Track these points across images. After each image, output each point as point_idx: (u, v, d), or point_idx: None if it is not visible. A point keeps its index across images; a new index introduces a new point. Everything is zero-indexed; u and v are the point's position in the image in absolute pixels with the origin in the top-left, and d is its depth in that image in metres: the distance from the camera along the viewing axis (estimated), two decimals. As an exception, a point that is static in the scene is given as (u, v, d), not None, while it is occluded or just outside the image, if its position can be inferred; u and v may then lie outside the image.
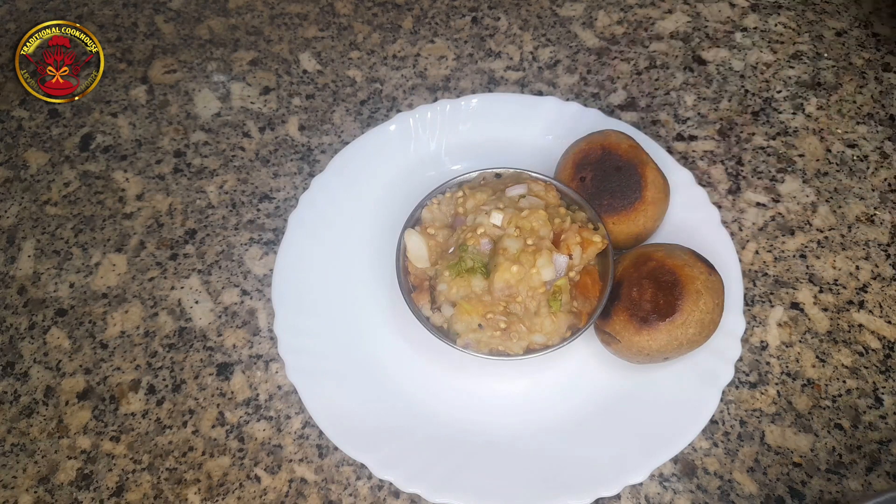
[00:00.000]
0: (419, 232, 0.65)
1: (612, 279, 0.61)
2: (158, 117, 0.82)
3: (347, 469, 0.61)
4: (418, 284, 0.64)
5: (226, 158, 0.79)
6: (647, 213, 0.65)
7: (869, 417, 0.62)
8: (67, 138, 0.81)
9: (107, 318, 0.70)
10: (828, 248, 0.70)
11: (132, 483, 0.62)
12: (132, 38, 0.89)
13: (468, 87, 0.82)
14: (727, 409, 0.63)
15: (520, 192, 0.65)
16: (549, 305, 0.60)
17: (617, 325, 0.60)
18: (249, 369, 0.67)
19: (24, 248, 0.74)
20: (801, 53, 0.83)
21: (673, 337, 0.58)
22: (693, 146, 0.77)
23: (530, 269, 0.60)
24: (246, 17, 0.90)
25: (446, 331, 0.61)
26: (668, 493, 0.60)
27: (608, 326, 0.60)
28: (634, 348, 0.59)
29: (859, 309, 0.67)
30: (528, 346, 0.60)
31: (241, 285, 0.71)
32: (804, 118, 0.78)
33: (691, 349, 0.60)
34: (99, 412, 0.65)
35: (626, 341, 0.59)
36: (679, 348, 0.59)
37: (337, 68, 0.85)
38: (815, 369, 0.64)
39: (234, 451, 0.63)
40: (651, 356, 0.59)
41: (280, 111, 0.82)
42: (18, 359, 0.68)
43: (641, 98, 0.80)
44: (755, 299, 0.68)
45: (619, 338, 0.60)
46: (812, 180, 0.74)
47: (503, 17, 0.88)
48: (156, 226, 0.75)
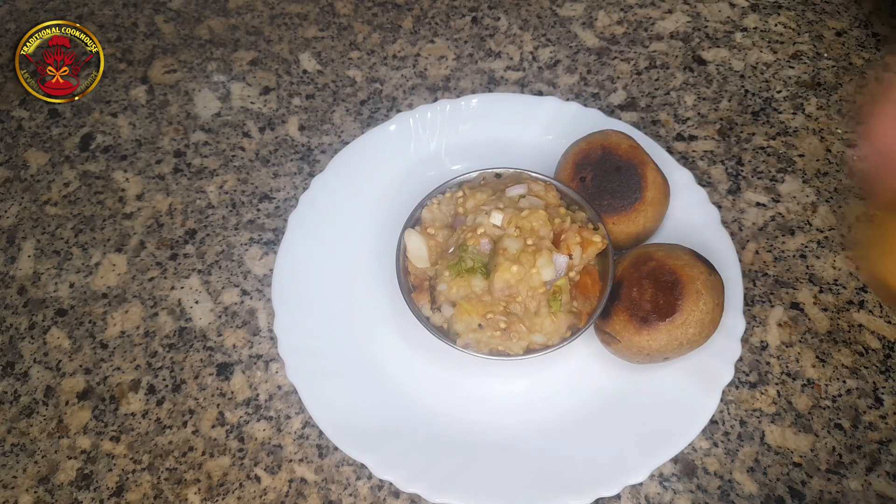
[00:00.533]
0: (419, 232, 0.65)
1: (612, 279, 0.61)
2: (158, 117, 0.82)
3: (347, 469, 0.61)
4: (418, 284, 0.64)
5: (226, 158, 0.79)
6: (647, 213, 0.65)
7: (869, 417, 0.62)
8: (67, 138, 0.81)
9: (107, 318, 0.70)
10: (828, 248, 0.70)
11: (132, 483, 0.62)
12: (132, 38, 0.89)
13: (468, 87, 0.82)
14: (727, 409, 0.63)
15: (520, 192, 0.65)
16: (549, 305, 0.60)
17: (617, 324, 0.60)
18: (249, 369, 0.67)
19: (24, 248, 0.74)
20: (801, 53, 0.83)
21: (673, 337, 0.58)
22: (693, 146, 0.77)
23: (530, 269, 0.60)
24: (246, 17, 0.90)
25: (446, 331, 0.61)
26: (668, 493, 0.60)
27: (608, 326, 0.60)
28: (634, 348, 0.59)
29: (859, 309, 0.67)
30: (529, 346, 0.60)
31: (241, 285, 0.71)
32: (804, 118, 0.78)
33: (691, 349, 0.59)
34: (99, 412, 0.65)
35: (626, 341, 0.59)
36: (679, 348, 0.59)
37: (337, 68, 0.85)
38: (815, 369, 0.64)
39: (234, 451, 0.63)
40: (651, 356, 0.59)
41: (280, 111, 0.82)
42: (18, 359, 0.68)
43: (641, 98, 0.80)
44: (755, 299, 0.68)
45: (619, 338, 0.60)
46: (812, 180, 0.74)
47: (503, 17, 0.88)
48: (156, 226, 0.75)
